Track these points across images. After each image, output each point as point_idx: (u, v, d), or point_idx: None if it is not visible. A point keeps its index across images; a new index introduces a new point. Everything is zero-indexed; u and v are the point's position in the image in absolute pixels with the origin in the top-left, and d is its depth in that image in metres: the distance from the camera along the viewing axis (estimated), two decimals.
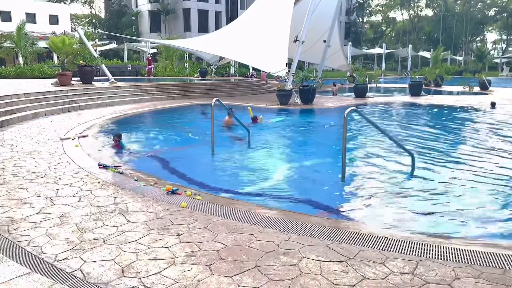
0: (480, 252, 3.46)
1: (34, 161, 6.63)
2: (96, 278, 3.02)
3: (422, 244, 3.64)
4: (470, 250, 3.50)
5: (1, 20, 41.05)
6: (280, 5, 19.96)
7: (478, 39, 78.03)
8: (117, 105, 15.61)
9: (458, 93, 24.63)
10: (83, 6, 68.47)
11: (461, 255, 3.41)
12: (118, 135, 8.54)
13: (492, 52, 71.11)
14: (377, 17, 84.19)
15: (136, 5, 58.27)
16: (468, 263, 3.27)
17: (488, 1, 72.56)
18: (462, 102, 18.36)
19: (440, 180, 6.49)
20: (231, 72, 33.52)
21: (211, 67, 31.07)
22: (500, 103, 17.22)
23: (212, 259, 3.30)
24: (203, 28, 51.46)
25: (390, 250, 3.51)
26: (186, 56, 34.59)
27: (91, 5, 68.51)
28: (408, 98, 20.45)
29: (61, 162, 6.63)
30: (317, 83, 18.54)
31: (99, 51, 34.24)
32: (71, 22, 54.21)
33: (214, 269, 3.14)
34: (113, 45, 44.87)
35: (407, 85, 23.70)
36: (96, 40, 37.16)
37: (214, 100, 8.24)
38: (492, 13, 73.72)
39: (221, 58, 28.91)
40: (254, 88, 23.87)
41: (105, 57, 39.66)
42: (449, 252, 3.46)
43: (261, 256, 3.36)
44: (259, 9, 22.29)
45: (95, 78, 19.84)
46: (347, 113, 6.05)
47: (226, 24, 33.60)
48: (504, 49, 75.26)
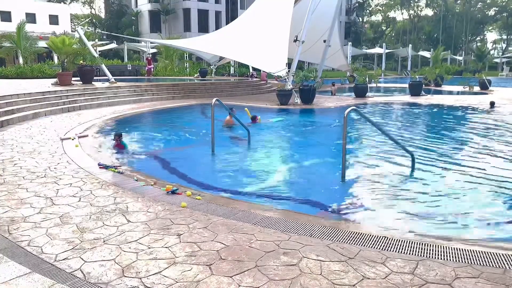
0: (480, 252, 3.46)
1: (34, 161, 6.63)
2: (96, 278, 3.02)
3: (422, 244, 3.64)
4: (470, 250, 3.50)
5: (1, 20, 41.05)
6: (280, 5, 19.96)
7: (478, 38, 78.05)
8: (117, 105, 15.62)
9: (458, 93, 24.63)
10: (83, 6, 68.60)
11: (461, 255, 3.41)
12: (119, 135, 8.54)
13: (492, 52, 71.09)
14: (377, 17, 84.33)
15: (136, 5, 58.30)
16: (468, 263, 3.28)
17: (488, 0, 72.55)
18: (462, 102, 18.35)
19: (440, 180, 6.50)
20: (231, 72, 33.53)
21: (211, 67, 31.08)
22: (500, 102, 17.22)
23: (212, 259, 3.30)
24: (203, 28, 51.47)
25: (390, 250, 3.51)
26: (186, 56, 34.59)
27: (91, 5, 68.62)
28: (408, 98, 20.44)
29: (61, 162, 6.63)
30: (317, 83, 18.54)
31: (99, 51, 34.24)
32: (71, 22, 54.21)
33: (214, 269, 3.14)
34: (113, 45, 44.89)
35: (407, 85, 23.71)
36: (96, 40, 37.18)
37: (214, 100, 8.24)
38: (492, 12, 73.73)
39: (221, 58, 28.91)
40: (254, 88, 23.86)
41: (105, 57, 39.65)
42: (449, 252, 3.46)
43: (261, 256, 3.36)
44: (259, 9, 22.29)
45: (95, 78, 19.84)
46: (347, 113, 6.05)
47: (226, 24, 33.59)
48: (504, 48, 75.29)
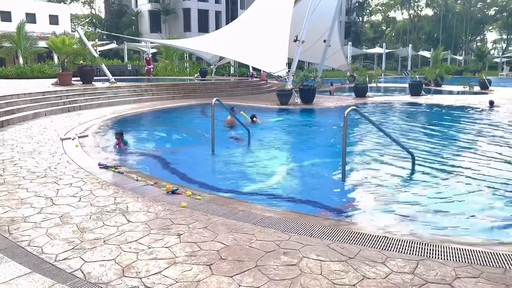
0: (481, 252, 3.46)
1: (35, 161, 6.63)
2: (96, 278, 3.02)
3: (423, 243, 3.64)
4: (471, 250, 3.50)
5: (1, 20, 41.05)
6: (280, 5, 19.96)
7: (478, 38, 78.02)
8: (117, 105, 15.62)
9: (458, 93, 24.63)
10: (83, 6, 68.59)
11: (461, 255, 3.41)
12: (120, 133, 8.58)
13: (492, 52, 71.08)
14: (377, 17, 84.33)
15: (136, 5, 58.29)
16: (469, 262, 3.27)
17: (488, 0, 72.55)
18: (462, 102, 18.35)
19: (440, 179, 6.49)
20: (231, 72, 33.52)
21: (211, 67, 31.07)
22: (500, 102, 17.22)
23: (212, 259, 3.30)
24: (203, 28, 51.47)
25: (391, 250, 3.51)
26: (186, 56, 34.59)
27: (91, 5, 68.62)
28: (408, 98, 20.43)
29: (61, 162, 6.63)
30: (317, 83, 18.54)
31: (99, 51, 34.22)
32: (71, 22, 54.20)
33: (215, 269, 3.14)
34: (113, 45, 44.88)
35: (407, 85, 23.70)
36: (96, 40, 37.21)
37: (214, 100, 8.24)
38: (492, 12, 73.74)
39: (221, 58, 28.91)
40: (254, 88, 23.86)
41: (105, 57, 39.64)
42: (450, 252, 3.46)
43: (262, 256, 3.36)
44: (259, 9, 22.29)
45: (95, 78, 19.84)
46: (347, 113, 6.05)
47: (226, 24, 33.58)
48: (504, 48, 75.27)
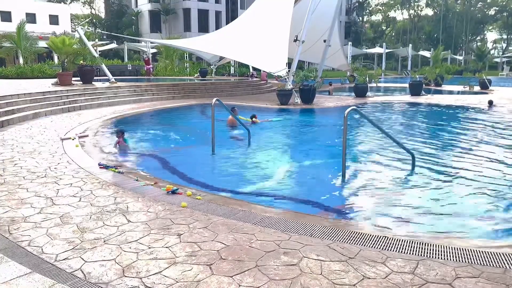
0: (481, 252, 3.46)
1: (35, 161, 6.63)
2: (96, 278, 3.02)
3: (423, 243, 3.63)
4: (471, 250, 3.50)
5: (1, 20, 41.05)
6: (280, 5, 19.96)
7: (478, 38, 78.02)
8: (117, 105, 15.62)
9: (459, 93, 24.64)
10: (83, 6, 68.63)
11: (461, 255, 3.41)
12: (121, 132, 8.61)
13: (492, 52, 71.05)
14: (377, 17, 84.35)
15: (136, 5, 58.29)
16: (469, 262, 3.27)
17: (488, 0, 72.53)
18: (462, 102, 18.35)
19: (440, 179, 6.50)
20: (231, 72, 33.52)
21: (211, 67, 31.07)
22: (500, 102, 17.22)
23: (212, 259, 3.30)
24: (203, 28, 51.48)
25: (391, 250, 3.51)
26: (186, 56, 34.58)
27: (91, 5, 68.63)
28: (408, 98, 20.43)
29: (61, 162, 6.63)
30: (317, 83, 18.54)
31: (99, 51, 34.22)
32: (71, 22, 54.21)
33: (215, 269, 3.14)
34: (113, 45, 44.87)
35: (407, 85, 23.69)
36: (96, 40, 37.23)
37: (214, 100, 8.24)
38: (492, 12, 73.73)
39: (221, 58, 28.91)
40: (254, 88, 23.86)
41: (105, 57, 39.64)
42: (450, 252, 3.46)
43: (262, 256, 3.36)
44: (259, 9, 22.29)
45: (95, 78, 19.84)
46: (347, 113, 6.05)
47: (226, 24, 33.59)
48: (504, 48, 75.27)
